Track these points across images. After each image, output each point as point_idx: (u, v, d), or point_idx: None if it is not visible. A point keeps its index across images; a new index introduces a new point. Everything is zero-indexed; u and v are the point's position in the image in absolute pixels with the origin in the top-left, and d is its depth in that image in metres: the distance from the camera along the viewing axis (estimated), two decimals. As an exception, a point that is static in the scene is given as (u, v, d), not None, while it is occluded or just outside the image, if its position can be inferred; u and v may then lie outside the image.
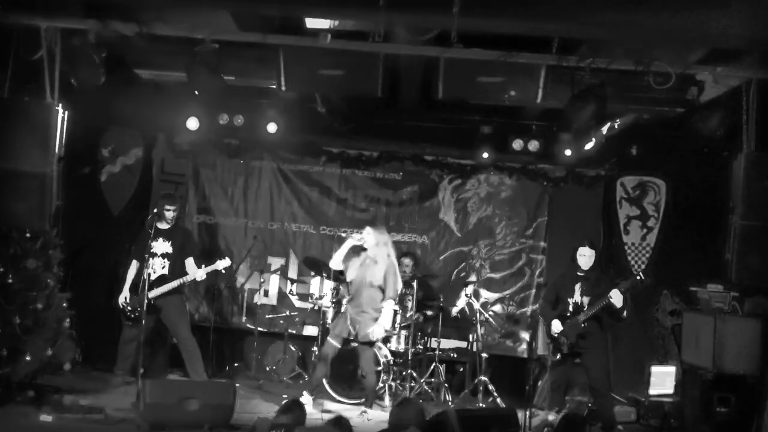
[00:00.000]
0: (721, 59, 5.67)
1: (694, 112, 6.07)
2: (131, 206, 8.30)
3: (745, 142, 5.75)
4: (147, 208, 7.66)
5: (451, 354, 8.06)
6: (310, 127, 8.13)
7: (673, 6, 4.78)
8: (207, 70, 5.70)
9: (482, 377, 7.38)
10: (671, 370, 7.14)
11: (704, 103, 6.19)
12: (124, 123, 8.26)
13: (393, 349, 7.41)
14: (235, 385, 5.92)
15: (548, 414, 6.41)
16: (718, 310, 6.37)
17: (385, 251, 6.62)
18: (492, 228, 8.58)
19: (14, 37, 5.69)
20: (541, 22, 5.24)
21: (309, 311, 8.04)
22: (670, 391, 7.05)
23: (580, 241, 6.50)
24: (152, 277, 6.49)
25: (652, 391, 7.06)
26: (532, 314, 8.30)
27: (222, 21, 5.73)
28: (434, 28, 5.47)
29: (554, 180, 8.44)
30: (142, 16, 5.60)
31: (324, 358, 6.60)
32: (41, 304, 6.14)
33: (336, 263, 6.74)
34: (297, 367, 7.93)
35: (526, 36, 5.59)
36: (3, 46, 5.68)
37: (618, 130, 7.47)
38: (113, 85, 6.13)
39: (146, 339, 6.34)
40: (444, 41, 5.53)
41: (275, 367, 7.91)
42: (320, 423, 5.12)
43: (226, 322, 8.42)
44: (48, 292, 6.24)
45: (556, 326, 6.31)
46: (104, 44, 5.67)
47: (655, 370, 7.15)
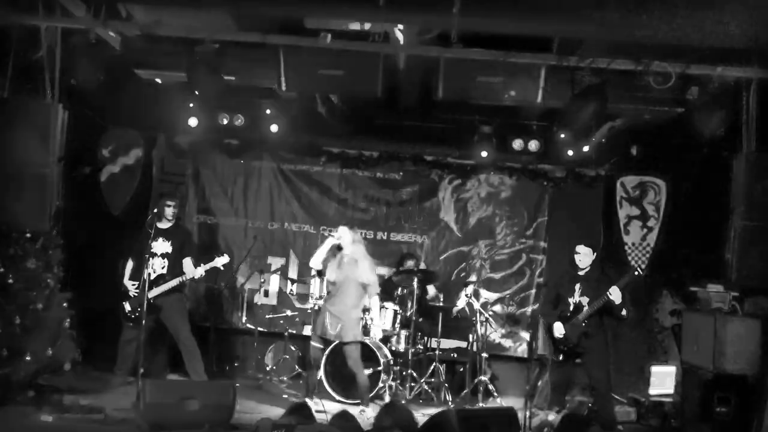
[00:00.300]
0: (721, 59, 5.67)
1: (694, 112, 6.06)
2: (131, 206, 8.27)
3: (745, 142, 5.75)
4: (147, 208, 7.64)
5: (451, 354, 8.07)
6: (310, 127, 8.13)
7: (673, 6, 4.78)
8: (207, 70, 5.71)
9: (482, 377, 7.39)
10: (671, 370, 7.14)
11: (704, 103, 6.18)
12: (124, 123, 8.26)
13: (393, 349, 7.43)
14: (235, 385, 5.92)
15: (548, 414, 6.40)
16: (718, 310, 6.36)
17: (361, 249, 6.72)
18: (492, 228, 8.60)
19: (14, 37, 5.68)
20: (541, 22, 5.24)
21: (309, 311, 8.03)
22: (670, 391, 7.06)
23: (580, 241, 6.52)
24: (152, 276, 6.48)
25: (652, 391, 7.06)
26: (532, 314, 8.30)
27: (222, 21, 5.73)
28: (434, 28, 5.47)
29: (554, 180, 8.45)
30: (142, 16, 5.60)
31: (315, 362, 6.73)
32: (41, 304, 6.13)
33: (316, 263, 6.80)
34: (297, 367, 7.96)
35: (526, 36, 5.59)
36: (3, 46, 5.66)
37: (618, 130, 7.47)
38: (113, 85, 6.13)
39: (146, 339, 6.34)
40: (444, 41, 5.53)
41: (275, 367, 7.92)
42: (326, 420, 5.17)
43: (226, 322, 8.43)
44: (48, 292, 6.24)
45: (558, 330, 6.33)
46: (104, 44, 5.67)
47: (655, 370, 7.16)
